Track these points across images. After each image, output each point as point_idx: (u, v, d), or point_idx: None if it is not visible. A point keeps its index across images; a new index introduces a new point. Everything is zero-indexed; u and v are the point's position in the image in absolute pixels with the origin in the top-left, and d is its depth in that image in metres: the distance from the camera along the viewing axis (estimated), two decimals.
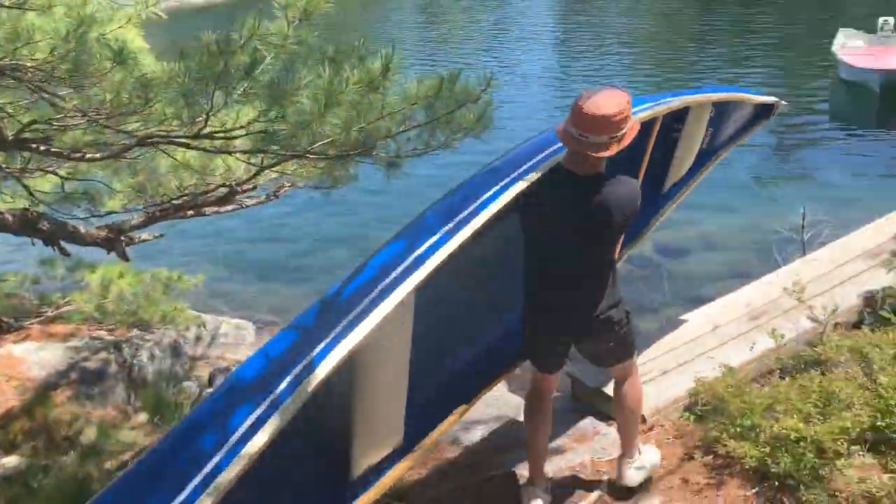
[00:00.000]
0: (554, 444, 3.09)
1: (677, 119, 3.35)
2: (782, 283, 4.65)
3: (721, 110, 3.68)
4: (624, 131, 2.27)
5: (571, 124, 2.27)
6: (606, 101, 2.23)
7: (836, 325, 3.77)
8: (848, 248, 4.98)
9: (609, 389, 3.00)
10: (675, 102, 3.06)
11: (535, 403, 2.74)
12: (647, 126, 2.89)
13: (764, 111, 4.09)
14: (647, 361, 3.99)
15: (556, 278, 2.50)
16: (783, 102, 4.03)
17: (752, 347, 3.74)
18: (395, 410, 2.29)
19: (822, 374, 3.08)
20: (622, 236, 2.89)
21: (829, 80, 13.34)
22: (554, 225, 2.41)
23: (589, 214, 2.34)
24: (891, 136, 10.48)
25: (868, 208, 7.03)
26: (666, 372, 3.97)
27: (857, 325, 3.97)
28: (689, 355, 4.07)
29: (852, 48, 12.69)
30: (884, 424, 2.60)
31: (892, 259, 4.13)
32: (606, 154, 2.26)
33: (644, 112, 2.72)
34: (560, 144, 2.36)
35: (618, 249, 2.91)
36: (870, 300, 4.33)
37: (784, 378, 3.34)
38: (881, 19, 13.12)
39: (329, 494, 2.29)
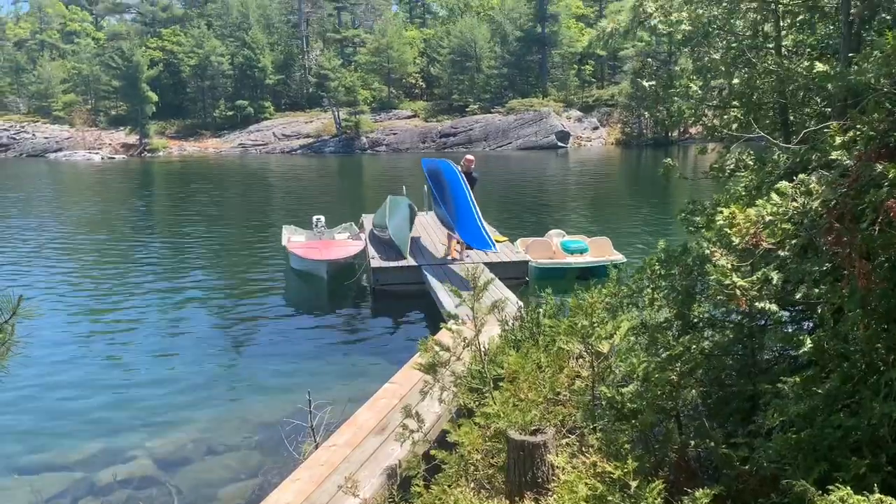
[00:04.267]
0: None
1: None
2: (312, 476, 4.64)
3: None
4: (472, 166, 12.87)
5: (463, 162, 12.91)
6: (468, 157, 13.14)
7: None
8: (359, 427, 5.32)
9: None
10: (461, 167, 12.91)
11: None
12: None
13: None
14: None
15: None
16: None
17: None
18: None
19: None
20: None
21: (282, 268, 14.76)
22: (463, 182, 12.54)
23: (468, 180, 12.57)
24: (338, 313, 12.08)
25: (361, 386, 7.75)
26: None
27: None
28: None
29: (297, 242, 14.41)
30: None
31: (403, 432, 4.51)
32: (469, 169, 12.86)
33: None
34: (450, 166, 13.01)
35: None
36: (392, 475, 4.62)
37: None
38: (314, 218, 15.33)
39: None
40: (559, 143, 53.83)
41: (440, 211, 13.33)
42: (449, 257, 12.99)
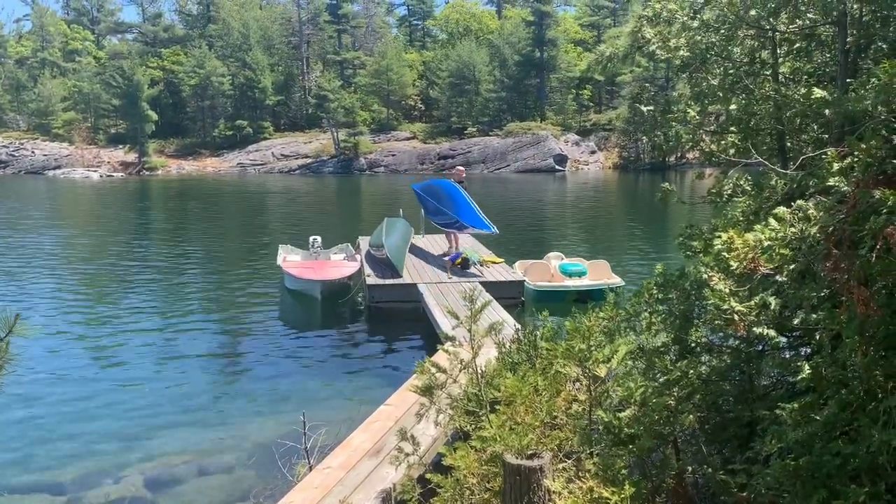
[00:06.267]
0: None
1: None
2: (306, 499, 4.59)
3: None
4: (463, 176, 15.67)
5: (455, 172, 15.99)
6: (459, 168, 16.62)
7: None
8: (354, 450, 5.27)
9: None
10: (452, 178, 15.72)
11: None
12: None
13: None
14: None
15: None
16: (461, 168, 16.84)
17: None
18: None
19: None
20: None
21: (277, 288, 14.73)
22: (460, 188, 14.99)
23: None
24: (333, 333, 12.01)
25: (357, 407, 7.69)
26: None
27: None
28: None
29: (292, 262, 14.40)
30: None
31: (398, 455, 4.46)
32: (462, 178, 15.53)
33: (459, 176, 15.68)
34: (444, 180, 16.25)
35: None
36: (387, 499, 4.57)
37: None
38: (311, 238, 15.34)
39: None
40: (557, 167, 54.01)
41: (443, 219, 14.81)
42: (452, 249, 14.40)
